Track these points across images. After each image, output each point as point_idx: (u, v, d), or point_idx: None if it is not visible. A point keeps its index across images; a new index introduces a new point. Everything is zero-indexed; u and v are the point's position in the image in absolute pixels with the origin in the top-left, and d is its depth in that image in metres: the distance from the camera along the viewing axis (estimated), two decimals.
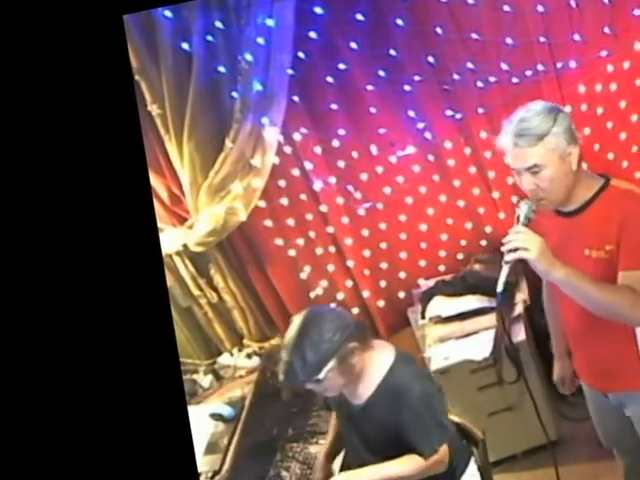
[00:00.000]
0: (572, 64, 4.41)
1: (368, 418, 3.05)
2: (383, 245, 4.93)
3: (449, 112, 4.58)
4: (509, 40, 4.32)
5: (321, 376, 2.91)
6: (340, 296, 4.94)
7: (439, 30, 4.36)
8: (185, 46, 4.29)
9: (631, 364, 2.92)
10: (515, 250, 2.62)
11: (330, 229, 4.85)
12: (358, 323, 3.05)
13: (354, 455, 3.22)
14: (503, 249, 2.66)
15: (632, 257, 2.70)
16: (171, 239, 4.62)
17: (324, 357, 2.89)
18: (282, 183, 4.71)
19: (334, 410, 3.33)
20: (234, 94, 4.35)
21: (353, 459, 3.23)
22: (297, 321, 2.99)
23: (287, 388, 4.22)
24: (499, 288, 2.73)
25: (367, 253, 4.91)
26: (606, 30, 4.32)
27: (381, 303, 4.96)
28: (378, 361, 3.05)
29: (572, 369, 3.35)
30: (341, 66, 4.40)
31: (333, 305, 4.62)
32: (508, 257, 2.65)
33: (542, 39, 4.37)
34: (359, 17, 4.28)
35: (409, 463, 2.99)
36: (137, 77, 4.30)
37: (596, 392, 3.18)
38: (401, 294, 5.03)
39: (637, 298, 2.66)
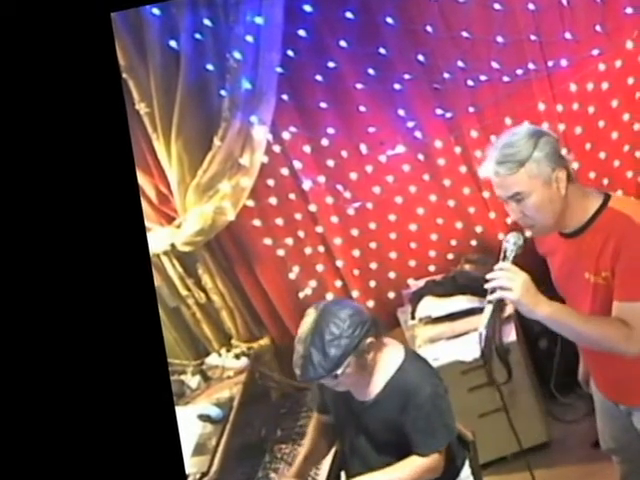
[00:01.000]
0: (563, 63, 4.41)
1: (375, 415, 3.03)
2: (373, 245, 4.90)
3: (439, 111, 4.56)
4: (500, 38, 4.32)
5: (339, 371, 2.88)
6: (329, 296, 4.90)
7: (429, 28, 4.35)
8: (173, 44, 4.25)
9: None
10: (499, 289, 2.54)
11: (319, 229, 4.82)
12: (374, 318, 3.01)
13: (357, 453, 3.19)
14: (486, 286, 2.59)
15: (625, 287, 2.60)
16: (159, 238, 4.59)
17: (345, 352, 2.86)
18: (271, 182, 4.68)
19: (331, 408, 3.26)
20: (223, 92, 4.32)
21: (355, 457, 3.20)
22: (313, 315, 2.93)
23: (276, 389, 4.19)
24: (481, 328, 2.64)
25: (356, 253, 4.88)
26: (598, 28, 4.33)
27: (370, 303, 4.93)
28: (388, 358, 3.04)
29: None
30: (330, 64, 4.37)
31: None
32: (490, 297, 2.57)
33: (533, 37, 4.37)
34: (349, 15, 4.27)
35: (409, 467, 2.98)
36: (125, 75, 4.26)
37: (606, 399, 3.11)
38: (391, 294, 5.01)
39: (630, 332, 2.57)
